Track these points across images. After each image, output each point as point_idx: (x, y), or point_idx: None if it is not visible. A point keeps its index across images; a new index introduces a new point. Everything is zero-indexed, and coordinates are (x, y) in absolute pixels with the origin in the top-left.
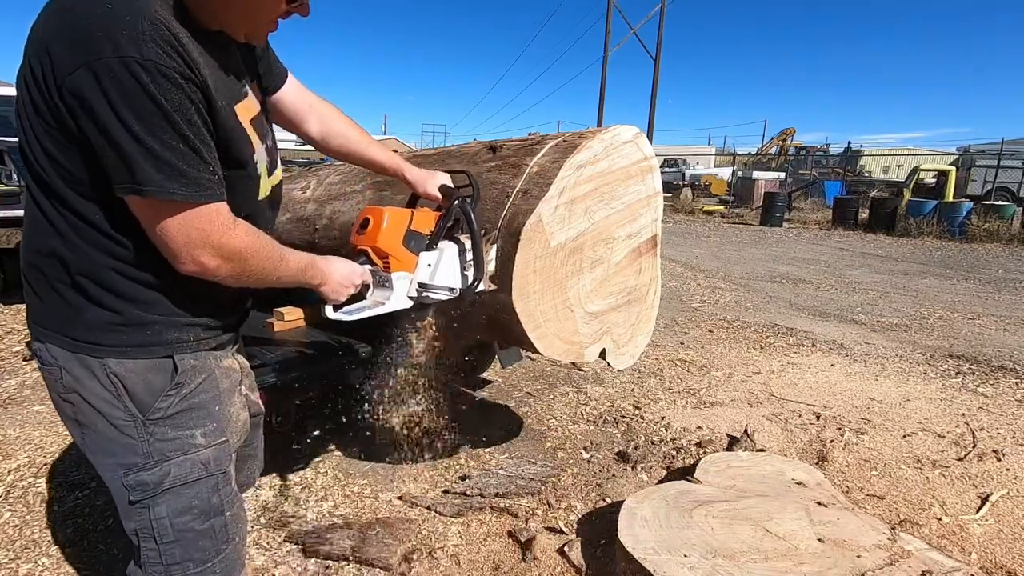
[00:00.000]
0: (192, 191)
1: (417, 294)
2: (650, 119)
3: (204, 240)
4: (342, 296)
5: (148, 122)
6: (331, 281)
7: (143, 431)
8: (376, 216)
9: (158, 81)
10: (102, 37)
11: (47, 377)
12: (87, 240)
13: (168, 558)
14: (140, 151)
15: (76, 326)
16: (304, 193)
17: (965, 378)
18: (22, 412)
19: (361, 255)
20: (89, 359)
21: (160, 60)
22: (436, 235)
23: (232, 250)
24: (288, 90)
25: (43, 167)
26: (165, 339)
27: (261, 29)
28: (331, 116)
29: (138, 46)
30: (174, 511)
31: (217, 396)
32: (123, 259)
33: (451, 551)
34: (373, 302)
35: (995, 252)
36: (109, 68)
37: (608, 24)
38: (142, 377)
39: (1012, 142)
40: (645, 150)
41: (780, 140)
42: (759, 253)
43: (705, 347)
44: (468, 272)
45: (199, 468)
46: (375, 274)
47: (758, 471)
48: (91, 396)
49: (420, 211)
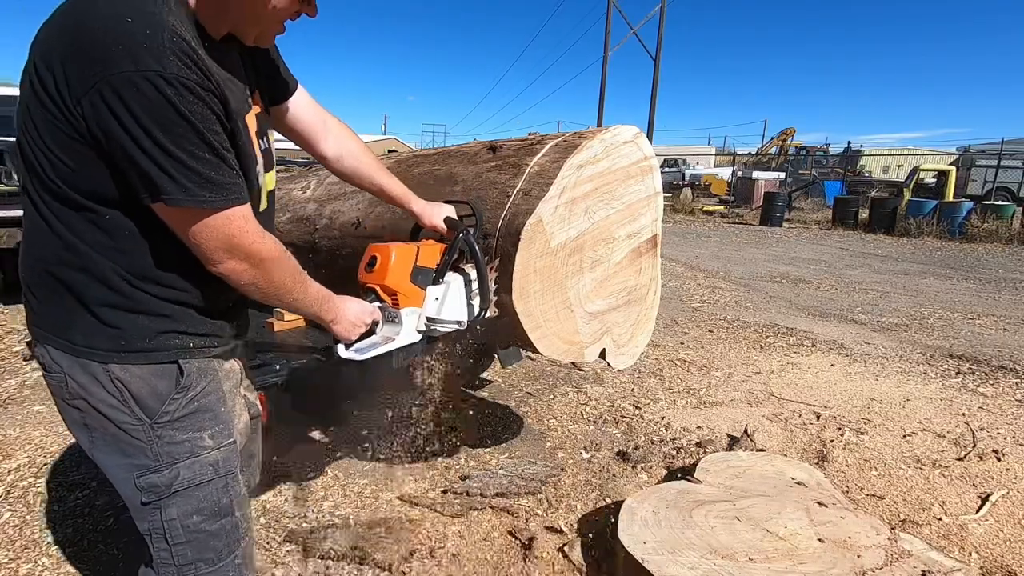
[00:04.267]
0: (221, 196)
1: (426, 328)
2: (650, 119)
3: (232, 243)
4: (353, 335)
5: (175, 134)
6: (343, 320)
7: (151, 434)
8: (383, 254)
9: (181, 94)
10: (122, 51)
11: (52, 384)
12: (90, 246)
13: (180, 559)
14: (170, 162)
15: (76, 331)
16: (304, 193)
17: (965, 378)
18: (22, 412)
19: (370, 293)
20: (92, 364)
21: (181, 73)
22: (442, 268)
23: (259, 255)
24: (300, 104)
25: (49, 173)
26: (167, 345)
27: (270, 30)
28: (346, 138)
29: (159, 60)
30: (184, 512)
31: (222, 397)
32: (126, 266)
33: (451, 551)
34: (383, 338)
35: (995, 252)
36: (132, 83)
37: (608, 24)
38: (147, 382)
39: (1012, 142)
40: (645, 150)
41: (780, 140)
42: (759, 253)
43: (705, 347)
44: (474, 302)
45: (208, 470)
46: (384, 310)
47: (758, 471)
48: (97, 402)
49: (425, 245)
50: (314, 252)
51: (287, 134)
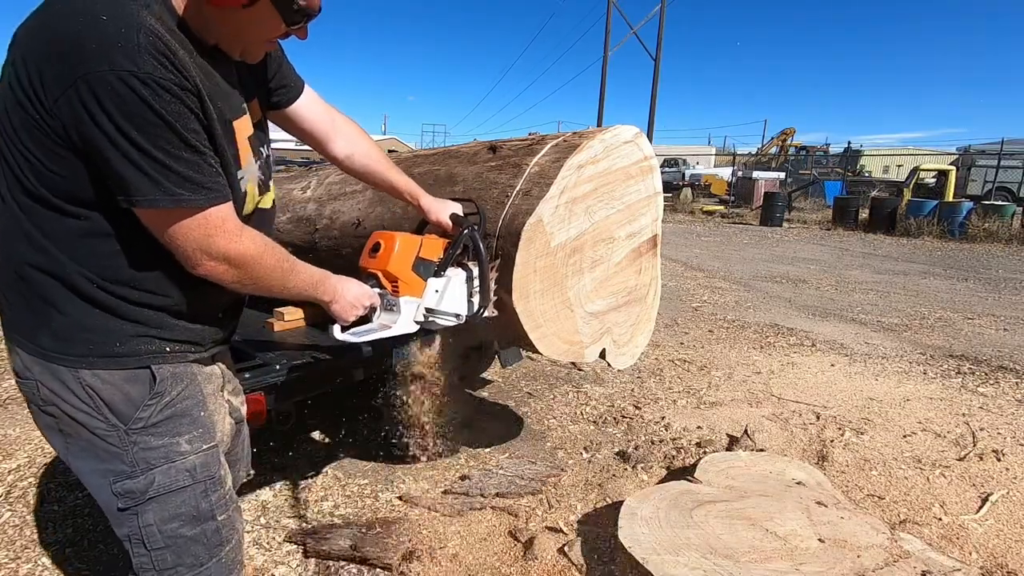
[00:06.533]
0: (200, 195)
1: (424, 319)
2: (650, 119)
3: (209, 243)
4: (351, 316)
5: (151, 134)
6: (342, 300)
7: (126, 440)
8: (387, 241)
9: (157, 93)
10: (96, 51)
11: (24, 390)
12: (60, 248)
13: (160, 563)
14: (147, 162)
15: (45, 335)
16: (304, 193)
17: (965, 378)
18: (22, 412)
19: (371, 278)
20: (60, 369)
21: (157, 72)
22: (444, 262)
23: (238, 255)
24: (308, 105)
25: (26, 173)
26: (138, 351)
27: (255, 48)
28: (356, 136)
29: (133, 59)
30: (161, 519)
31: (201, 401)
32: (98, 270)
33: (451, 551)
34: (380, 325)
35: (995, 252)
36: (107, 83)
37: (608, 24)
38: (119, 388)
39: (1012, 142)
40: (645, 150)
41: (780, 140)
42: (759, 253)
43: (705, 347)
44: (474, 299)
45: (184, 475)
46: (383, 297)
47: (758, 471)
48: (70, 408)
49: (429, 238)
50: (314, 252)
51: (297, 135)
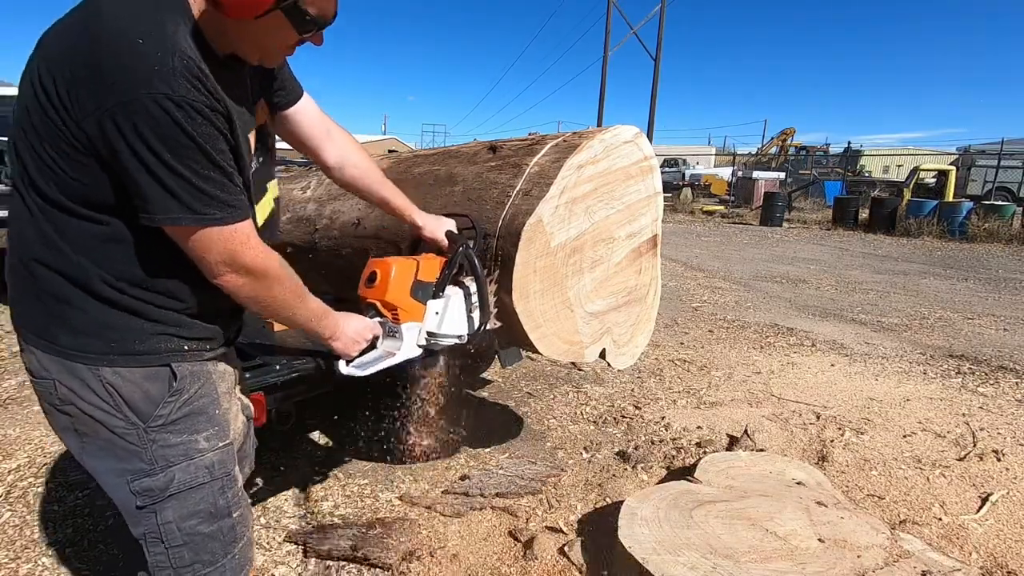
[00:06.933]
0: (226, 213)
1: (426, 342)
2: (650, 119)
3: (234, 257)
4: (353, 351)
5: (182, 155)
6: (343, 336)
7: (145, 438)
8: (383, 269)
9: (191, 116)
10: (134, 78)
11: (39, 390)
12: (76, 250)
13: (177, 561)
14: (178, 183)
15: (62, 331)
16: (304, 193)
17: (965, 378)
18: (22, 412)
19: (370, 308)
20: (79, 367)
21: (191, 95)
22: (442, 282)
23: (261, 270)
24: (305, 111)
25: (45, 175)
26: (159, 348)
27: (273, 55)
28: (349, 148)
29: (169, 83)
30: (180, 515)
31: (216, 399)
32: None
33: (451, 551)
34: (384, 352)
35: (995, 252)
36: (144, 106)
37: (608, 24)
38: (139, 386)
39: (1012, 142)
40: (645, 150)
41: (780, 140)
42: (759, 253)
43: (705, 347)
44: (474, 315)
45: (203, 472)
46: (384, 325)
47: (758, 471)
48: (88, 407)
49: (425, 259)
50: (314, 252)
51: (290, 140)
